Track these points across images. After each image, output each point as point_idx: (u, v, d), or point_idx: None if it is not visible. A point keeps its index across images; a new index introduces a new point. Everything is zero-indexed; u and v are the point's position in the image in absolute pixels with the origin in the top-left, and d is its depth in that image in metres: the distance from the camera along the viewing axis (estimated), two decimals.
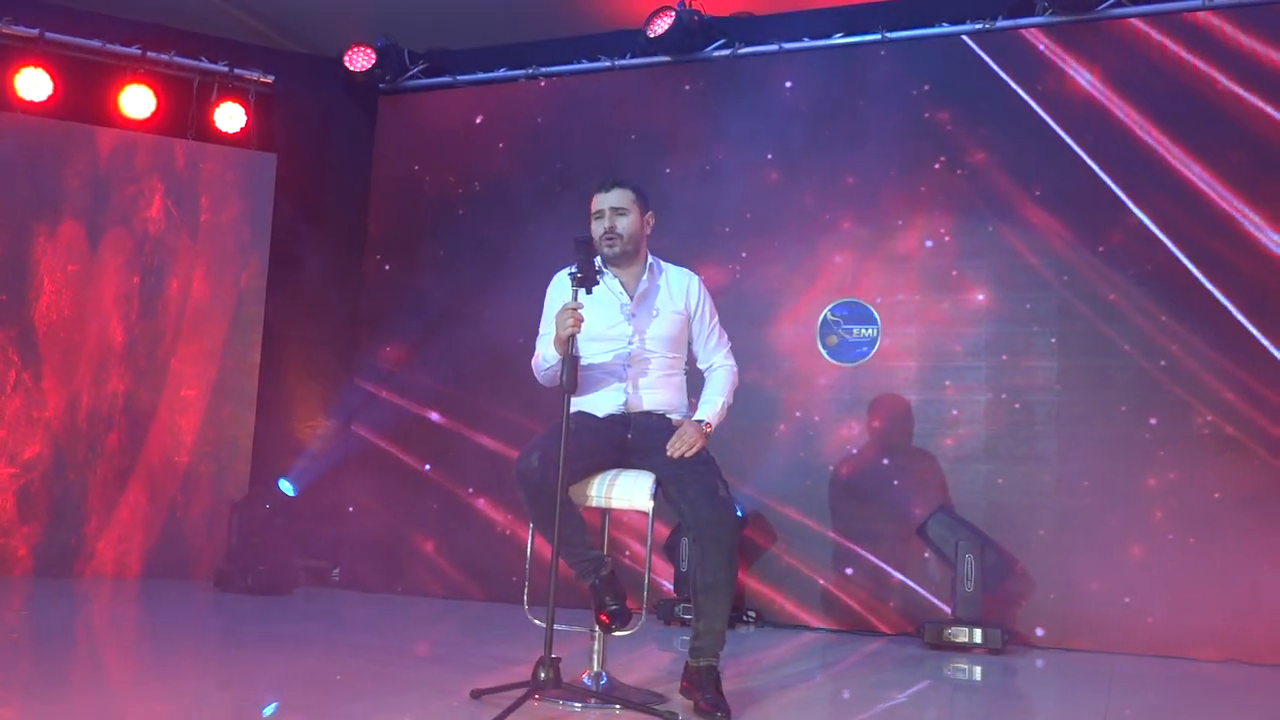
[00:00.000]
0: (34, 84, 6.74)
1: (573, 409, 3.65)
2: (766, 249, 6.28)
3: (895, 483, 5.87)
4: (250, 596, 6.18)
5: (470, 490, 6.67)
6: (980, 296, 5.87)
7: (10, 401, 6.63)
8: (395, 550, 6.80)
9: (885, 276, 6.05)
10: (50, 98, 6.79)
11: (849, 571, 5.89)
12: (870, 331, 6.02)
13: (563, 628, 3.31)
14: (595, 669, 3.61)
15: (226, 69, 7.19)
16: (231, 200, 7.20)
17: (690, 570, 3.51)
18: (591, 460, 3.52)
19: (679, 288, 3.77)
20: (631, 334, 3.66)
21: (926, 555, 5.68)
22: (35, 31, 6.76)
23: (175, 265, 7.04)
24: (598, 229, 3.69)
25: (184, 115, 7.15)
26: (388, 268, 7.11)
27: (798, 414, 6.11)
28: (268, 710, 3.45)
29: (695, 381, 3.88)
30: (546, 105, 6.93)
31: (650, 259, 3.78)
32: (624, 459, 3.61)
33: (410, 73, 7.22)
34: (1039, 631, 5.51)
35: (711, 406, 3.70)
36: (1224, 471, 5.33)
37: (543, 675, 3.19)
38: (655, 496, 3.51)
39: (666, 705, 3.44)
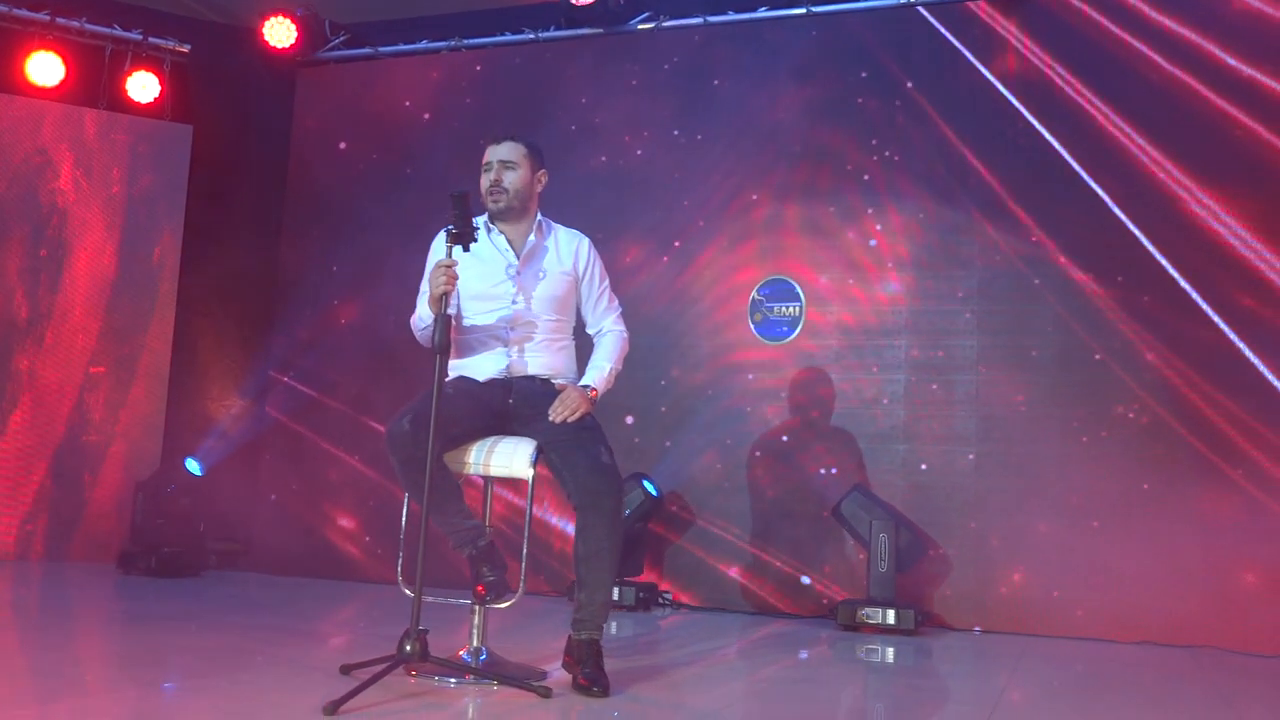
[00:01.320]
0: None
1: (454, 373, 3.54)
2: (694, 228, 6.15)
3: (815, 462, 5.78)
4: (154, 579, 6.00)
5: (387, 471, 6.49)
6: (903, 274, 5.78)
7: None
8: (308, 532, 6.63)
9: (810, 254, 5.95)
10: None
11: (767, 553, 5.79)
12: (793, 309, 5.92)
13: (433, 599, 3.17)
14: (475, 644, 3.46)
15: (140, 37, 6.99)
16: (145, 172, 7.00)
17: (575, 540, 3.37)
18: (468, 425, 3.39)
19: (568, 249, 3.64)
20: (515, 294, 3.52)
21: (845, 536, 5.58)
22: None
23: (84, 238, 6.83)
24: (484, 182, 3.55)
25: (95, 84, 6.93)
26: (305, 243, 6.93)
27: (719, 392, 6.00)
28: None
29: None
30: (470, 78, 6.77)
31: (540, 218, 3.64)
32: (505, 425, 3.48)
33: (331, 44, 7.04)
34: (955, 613, 5.43)
35: (598, 372, 3.57)
36: (1147, 456, 5.26)
37: (408, 648, 3.04)
38: (536, 464, 3.37)
39: (544, 681, 3.31)
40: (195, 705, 2.97)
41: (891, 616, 5.10)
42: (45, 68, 6.74)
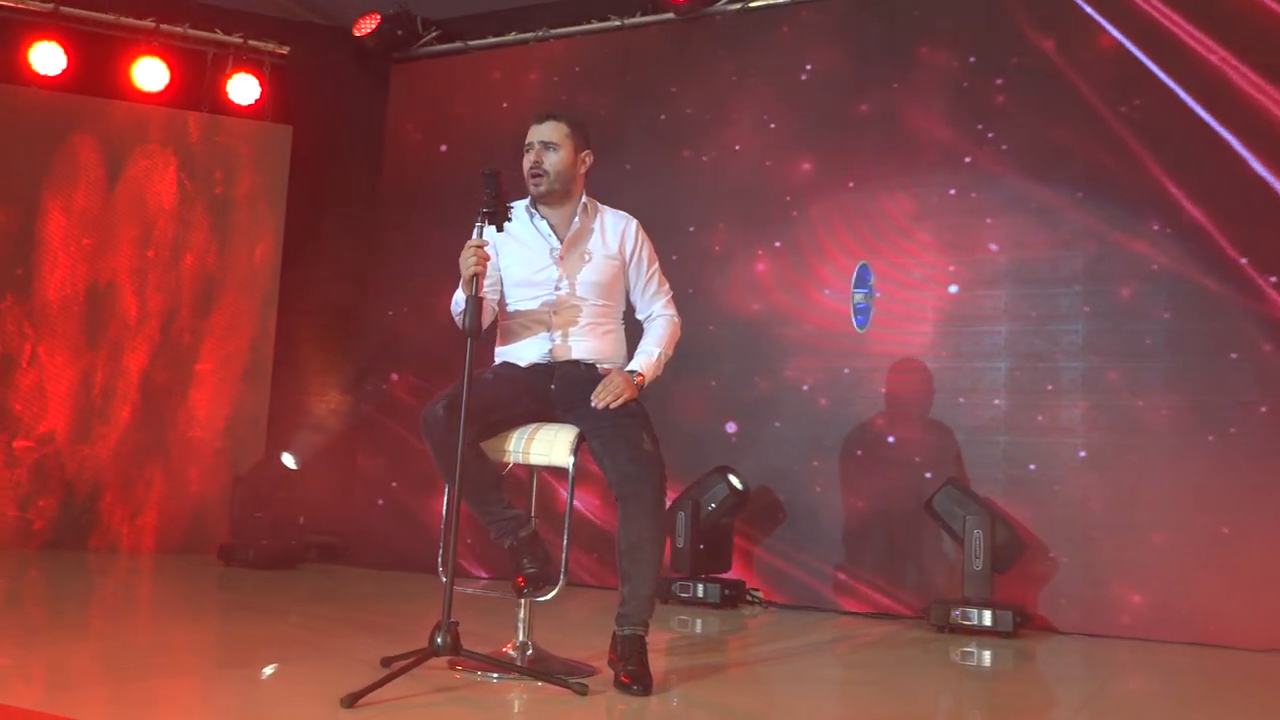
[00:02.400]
0: (48, 57, 6.74)
1: (498, 359, 3.45)
2: (786, 217, 5.94)
3: (910, 456, 5.51)
4: (252, 571, 6.09)
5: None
6: (1001, 257, 5.46)
7: (26, 376, 6.64)
8: (406, 526, 6.64)
9: (906, 240, 5.67)
10: (64, 71, 6.79)
11: (860, 550, 5.55)
12: (888, 297, 5.65)
13: (469, 590, 3.08)
14: (520, 638, 3.36)
15: (241, 40, 7.12)
16: (246, 173, 7.13)
17: (618, 532, 3.24)
18: (508, 412, 3.28)
19: (614, 231, 3.50)
20: (559, 279, 3.40)
21: (942, 533, 5.30)
22: (50, 5, 6.76)
23: (189, 239, 6.99)
24: (525, 163, 3.44)
25: (198, 87, 7.09)
26: (399, 239, 6.95)
27: (810, 383, 5.78)
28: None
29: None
30: (559, 68, 6.70)
31: (584, 199, 3.51)
32: (548, 412, 3.36)
33: (423, 40, 7.06)
34: (1060, 616, 5.10)
35: (646, 357, 3.43)
36: (1272, 452, 4.85)
37: (439, 641, 2.95)
38: (576, 452, 3.24)
39: (582, 678, 3.18)
40: (221, 691, 2.94)
41: (988, 618, 4.81)
42: (151, 73, 6.92)
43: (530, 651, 3.35)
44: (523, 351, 3.42)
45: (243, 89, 7.10)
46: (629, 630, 3.17)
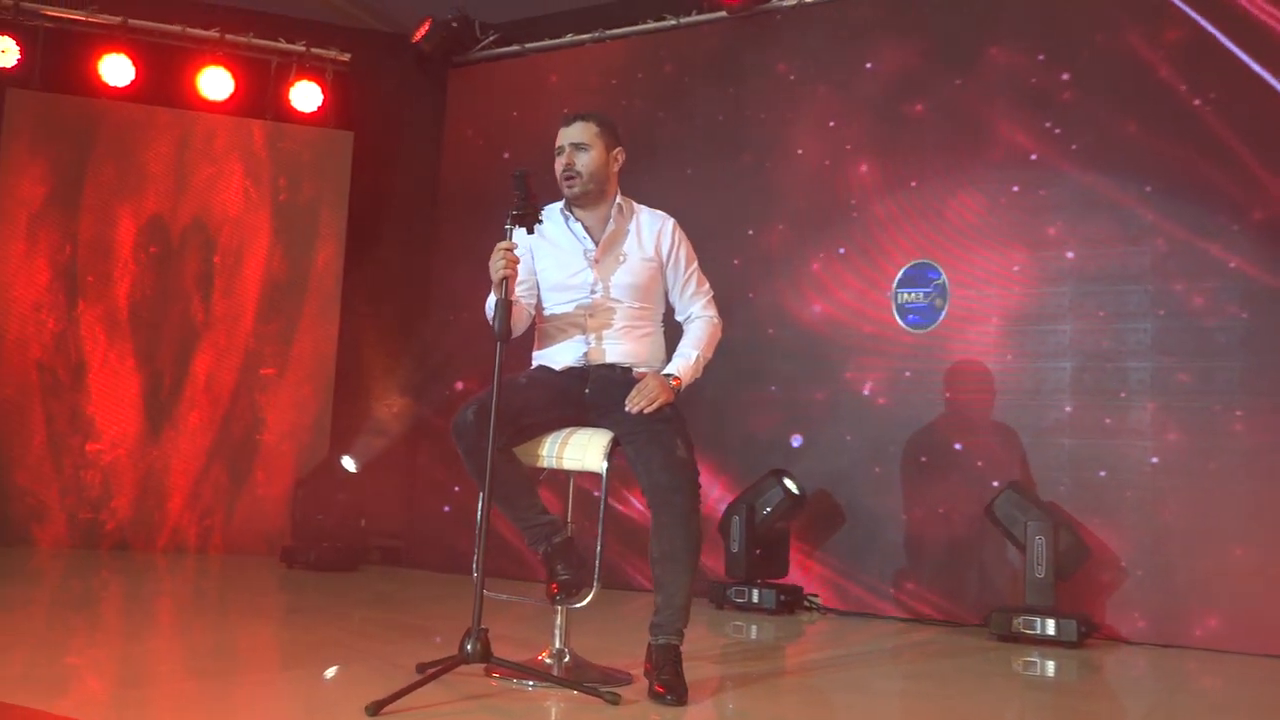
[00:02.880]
0: (117, 69, 6.88)
1: (535, 363, 3.42)
2: (846, 217, 5.83)
3: (971, 459, 5.37)
4: (313, 573, 6.14)
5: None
6: (1065, 251, 5.29)
7: (98, 380, 6.79)
8: (468, 530, 6.64)
9: (967, 237, 5.52)
10: (133, 82, 6.93)
11: (920, 555, 5.42)
12: (946, 296, 5.51)
13: (503, 597, 3.05)
14: (557, 645, 3.32)
15: (304, 48, 7.20)
16: (309, 179, 7.21)
17: (651, 540, 3.18)
18: (541, 416, 3.25)
19: (650, 232, 3.45)
20: (594, 282, 3.36)
21: (1005, 539, 5.14)
22: (118, 19, 6.91)
23: (254, 245, 7.09)
24: (558, 167, 3.40)
25: (262, 96, 7.19)
26: (458, 243, 6.97)
27: (866, 386, 5.66)
28: None
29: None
30: (616, 70, 6.66)
31: (619, 200, 3.47)
32: (583, 416, 3.32)
33: (481, 44, 7.08)
34: (1129, 625, 4.92)
35: (684, 360, 3.37)
36: None
37: (469, 648, 2.92)
38: (611, 456, 3.19)
39: (618, 687, 3.13)
40: (249, 696, 2.94)
41: (1051, 627, 4.66)
42: (216, 83, 7.03)
43: (567, 659, 3.30)
44: (558, 355, 3.38)
45: (305, 96, 7.18)
46: (663, 640, 3.12)
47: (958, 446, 5.41)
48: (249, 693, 3.03)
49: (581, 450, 3.22)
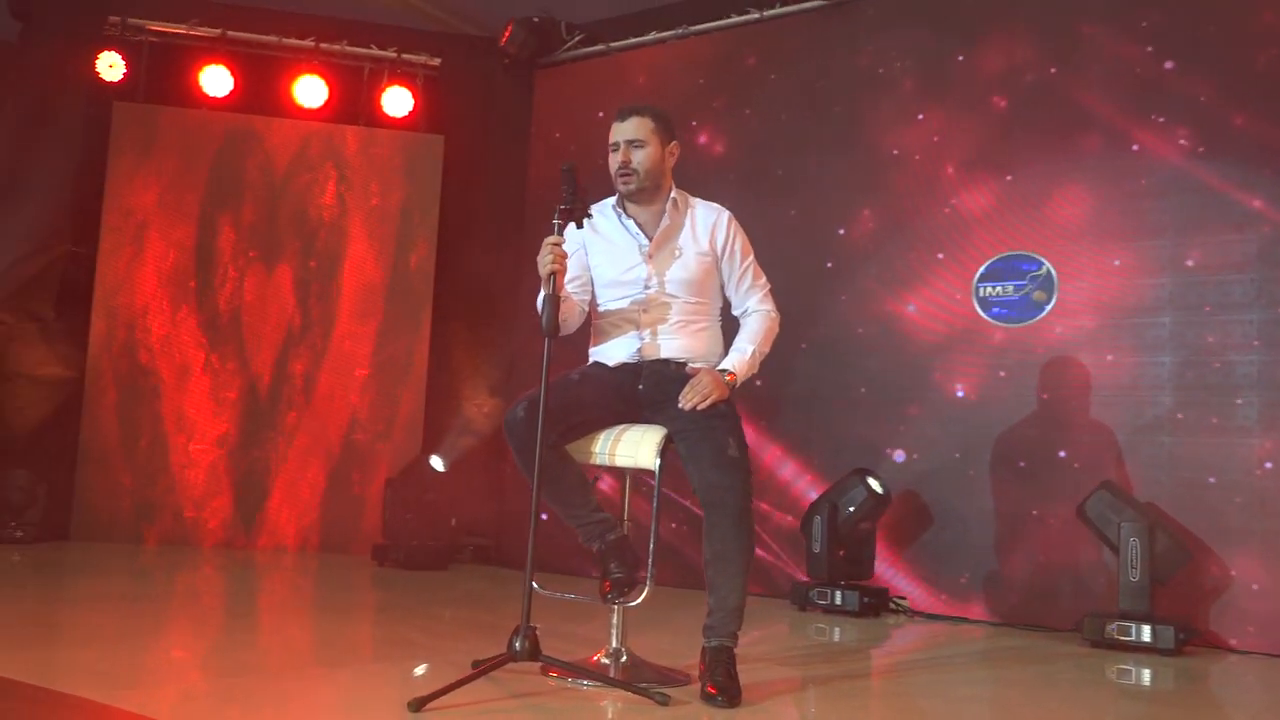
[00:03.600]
0: (216, 80, 7.09)
1: (591, 359, 3.39)
2: (939, 213, 5.67)
3: (1065, 458, 5.16)
4: (402, 571, 6.22)
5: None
6: (1164, 239, 5.05)
7: (200, 382, 7.00)
8: (561, 529, 6.65)
9: (1060, 228, 5.32)
10: (231, 92, 7.13)
11: (1013, 558, 5.23)
12: (1040, 289, 5.31)
13: (557, 595, 3.03)
14: (614, 644, 3.28)
15: (395, 54, 7.32)
16: (400, 183, 7.31)
17: (704, 541, 3.11)
18: (593, 413, 3.21)
19: (704, 225, 3.38)
20: (648, 277, 3.32)
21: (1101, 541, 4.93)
22: (218, 31, 7.12)
23: (348, 249, 7.22)
24: (613, 163, 3.36)
25: (354, 102, 7.32)
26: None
27: (957, 381, 5.49)
28: None
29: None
30: (700, 66, 6.60)
31: (674, 194, 3.41)
32: (637, 412, 3.28)
33: (567, 45, 7.09)
34: (1234, 632, 4.67)
35: (740, 355, 3.30)
36: None
37: (517, 645, 2.90)
38: (664, 454, 3.14)
39: (674, 687, 3.07)
40: (300, 690, 2.97)
41: (1146, 633, 4.45)
42: (311, 90, 7.20)
43: (624, 658, 3.26)
44: (612, 351, 3.35)
45: (397, 101, 7.29)
46: (715, 642, 3.05)
47: (1047, 443, 5.21)
48: (301, 686, 3.06)
49: (634, 447, 3.17)
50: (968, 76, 5.66)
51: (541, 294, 3.16)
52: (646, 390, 3.26)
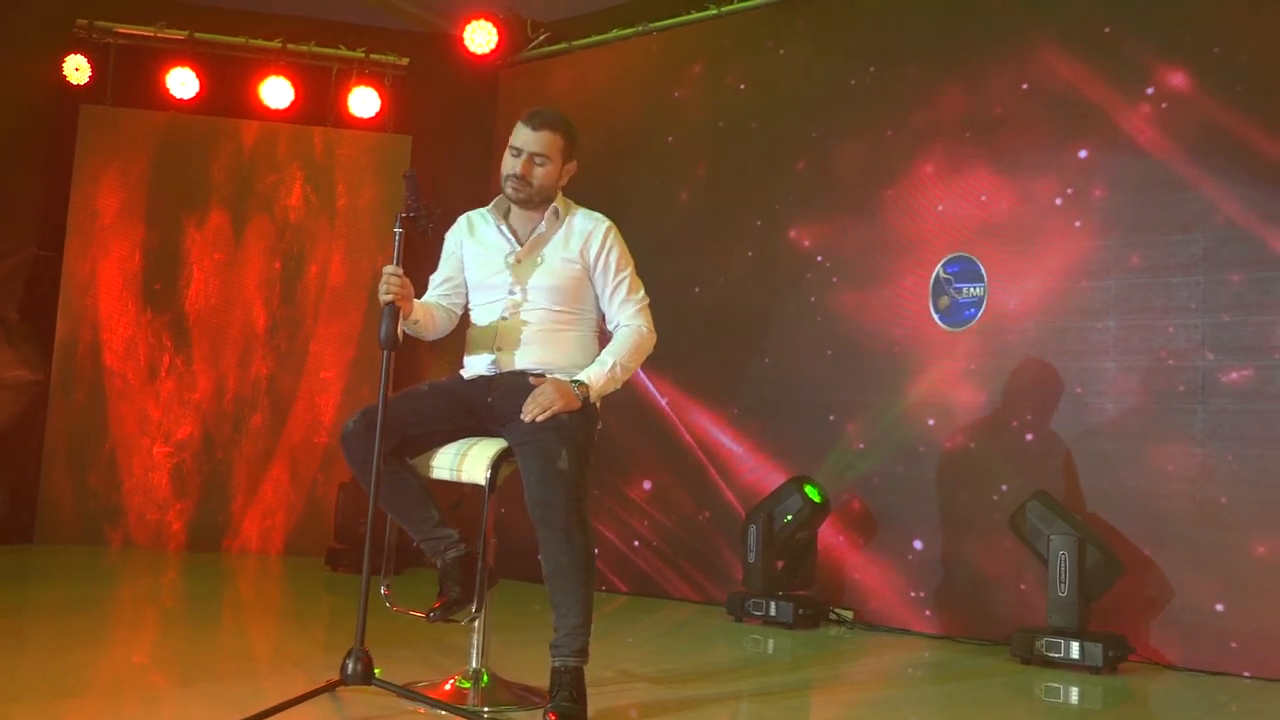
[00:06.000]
0: (183, 82, 7.08)
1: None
2: (875, 201, 5.52)
3: (1006, 466, 5.00)
4: (357, 574, 6.16)
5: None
6: (1109, 241, 4.87)
7: (164, 384, 7.01)
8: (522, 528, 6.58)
9: (997, 225, 5.15)
10: (197, 94, 7.12)
11: (953, 568, 5.08)
12: (978, 290, 5.15)
13: (399, 611, 2.95)
14: (474, 665, 3.20)
15: (363, 54, 7.27)
16: (367, 184, 7.27)
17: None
18: (434, 426, 3.14)
19: (579, 234, 3.28)
20: (511, 284, 3.22)
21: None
22: (184, 33, 7.11)
23: (314, 250, 7.19)
24: (509, 166, 3.26)
25: (322, 103, 7.29)
26: None
27: (897, 384, 5.34)
28: None
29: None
30: (660, 62, 6.49)
31: (557, 203, 3.31)
32: (486, 426, 3.18)
33: (534, 43, 7.00)
34: (1170, 649, 4.49)
35: (600, 367, 3.19)
36: None
37: (349, 669, 2.82)
38: (497, 468, 3.04)
39: (529, 709, 2.99)
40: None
41: (1075, 650, 4.28)
42: (277, 92, 7.16)
43: (485, 680, 3.17)
44: (472, 363, 3.29)
45: (363, 102, 7.24)
46: (559, 661, 2.96)
47: (990, 450, 5.05)
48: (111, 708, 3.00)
49: (474, 462, 3.08)
50: (928, 76, 5.49)
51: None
52: (495, 403, 3.17)
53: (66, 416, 6.89)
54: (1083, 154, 4.94)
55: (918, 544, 5.19)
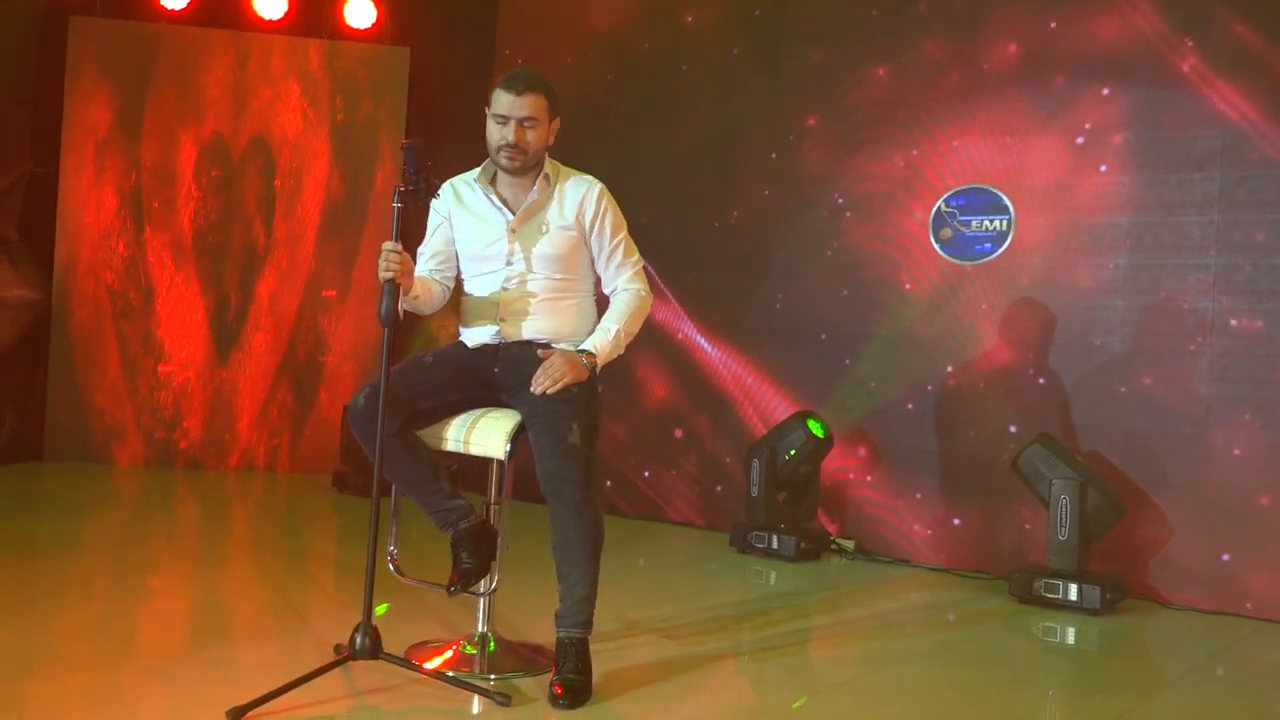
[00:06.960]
0: None
1: (461, 338, 3.30)
2: (890, 134, 5.40)
3: (1014, 403, 5.00)
4: (364, 498, 6.23)
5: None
6: (1122, 176, 4.78)
7: (166, 304, 6.97)
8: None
9: (1010, 157, 5.05)
10: (189, 5, 6.92)
11: (958, 505, 5.12)
12: (994, 223, 5.07)
13: (408, 582, 2.98)
14: (480, 629, 3.24)
15: None
16: (365, 98, 7.12)
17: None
18: (443, 398, 3.11)
19: (573, 199, 3.21)
20: (510, 253, 3.17)
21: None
22: None
23: (313, 167, 7.08)
24: (499, 136, 3.17)
25: (317, 14, 7.09)
26: None
27: (905, 320, 5.31)
28: None
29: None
30: None
31: (546, 167, 3.23)
32: (495, 396, 3.16)
33: None
34: (1171, 589, 4.55)
35: (604, 335, 3.15)
36: None
37: (358, 644, 2.86)
38: (516, 441, 3.04)
39: (535, 674, 3.04)
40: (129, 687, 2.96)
41: (1074, 591, 4.34)
42: (271, 2, 6.96)
43: (492, 646, 3.21)
44: (473, 333, 3.24)
45: (360, 12, 7.04)
46: (564, 633, 2.99)
47: (998, 389, 5.04)
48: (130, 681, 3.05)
49: (486, 435, 3.07)
50: (945, 8, 5.33)
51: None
52: (503, 373, 3.14)
53: (70, 336, 6.87)
54: (1105, 91, 4.81)
55: (922, 478, 5.21)
